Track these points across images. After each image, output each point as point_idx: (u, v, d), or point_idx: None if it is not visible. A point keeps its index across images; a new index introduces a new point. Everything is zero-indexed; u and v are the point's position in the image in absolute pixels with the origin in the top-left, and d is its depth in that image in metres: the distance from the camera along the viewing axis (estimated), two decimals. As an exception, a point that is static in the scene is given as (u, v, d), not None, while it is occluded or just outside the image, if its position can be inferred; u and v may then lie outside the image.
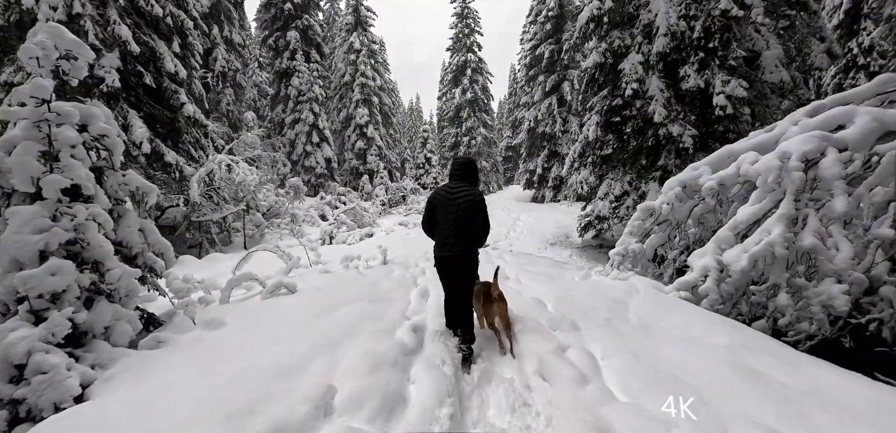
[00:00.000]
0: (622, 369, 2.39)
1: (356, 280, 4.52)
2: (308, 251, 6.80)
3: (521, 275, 5.34)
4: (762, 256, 3.55)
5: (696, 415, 1.87)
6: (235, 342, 2.95)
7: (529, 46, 24.40)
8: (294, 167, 18.80)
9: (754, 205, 3.88)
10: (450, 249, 2.80)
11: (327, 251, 8.56)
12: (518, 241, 10.84)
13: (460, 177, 2.93)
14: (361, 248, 8.42)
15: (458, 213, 2.78)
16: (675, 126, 7.93)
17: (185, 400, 2.05)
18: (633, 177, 8.58)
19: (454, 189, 2.87)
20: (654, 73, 8.20)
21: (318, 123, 18.33)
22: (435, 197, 2.94)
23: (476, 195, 2.81)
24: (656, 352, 2.58)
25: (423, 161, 25.35)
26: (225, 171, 11.80)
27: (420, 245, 8.89)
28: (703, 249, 4.00)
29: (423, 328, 3.29)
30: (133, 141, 9.66)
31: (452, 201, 2.82)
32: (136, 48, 9.87)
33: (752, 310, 3.84)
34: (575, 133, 22.43)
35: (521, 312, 3.43)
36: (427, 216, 2.99)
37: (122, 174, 4.20)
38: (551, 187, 23.08)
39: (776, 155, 3.83)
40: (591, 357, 2.60)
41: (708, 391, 2.10)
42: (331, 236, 11.51)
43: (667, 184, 4.85)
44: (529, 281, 4.98)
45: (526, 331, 3.02)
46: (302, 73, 18.75)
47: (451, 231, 2.79)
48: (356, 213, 12.76)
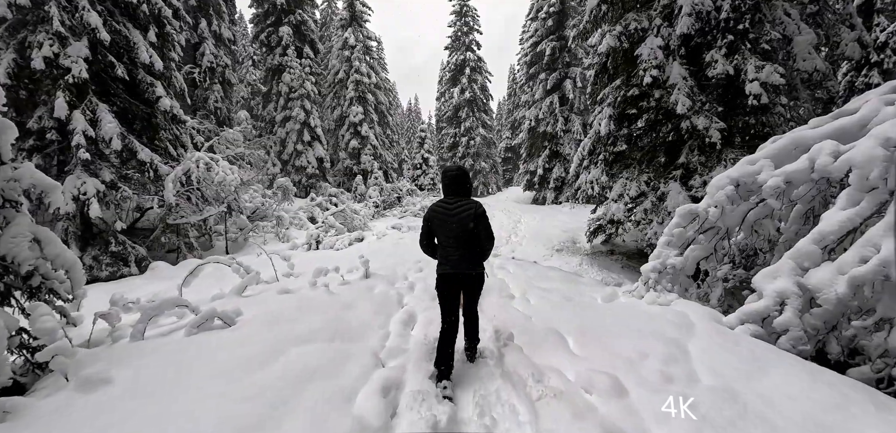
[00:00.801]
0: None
1: (322, 304, 3.50)
2: (279, 261, 5.77)
3: (531, 293, 4.32)
4: (868, 280, 2.54)
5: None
6: (116, 416, 1.93)
7: (530, 44, 23.43)
8: (285, 167, 17.77)
9: (847, 210, 2.87)
10: (454, 266, 2.64)
11: (307, 259, 7.56)
12: (521, 247, 9.83)
13: (455, 190, 2.71)
14: (342, 257, 7.40)
15: (459, 228, 2.61)
16: (701, 118, 6.93)
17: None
18: (651, 176, 7.58)
19: (451, 203, 2.67)
20: (675, 58, 7.21)
21: (310, 121, 17.30)
22: (432, 214, 2.72)
23: (476, 207, 2.64)
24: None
25: (420, 161, 24.34)
26: (203, 170, 10.77)
27: (412, 252, 7.87)
28: (774, 269, 2.99)
29: (398, 385, 2.28)
30: (102, 137, 8.68)
31: (452, 216, 2.63)
32: (107, 36, 8.89)
33: (844, 350, 2.84)
34: (578, 133, 21.45)
35: (535, 354, 2.43)
36: (425, 235, 2.81)
37: (14, 167, 3.19)
38: (553, 188, 22.09)
39: (877, 142, 2.82)
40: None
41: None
42: (317, 241, 10.49)
43: (713, 182, 3.84)
44: (540, 302, 3.97)
45: (547, 396, 2.01)
46: (293, 68, 17.74)
47: (454, 248, 2.64)
48: (346, 215, 11.74)
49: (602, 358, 2.43)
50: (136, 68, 9.92)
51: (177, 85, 12.57)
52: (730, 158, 6.87)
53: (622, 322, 3.07)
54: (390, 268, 5.72)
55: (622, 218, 7.54)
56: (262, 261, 6.32)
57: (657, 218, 7.27)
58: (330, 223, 11.07)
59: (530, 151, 23.89)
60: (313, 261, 7.34)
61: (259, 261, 6.55)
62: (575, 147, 21.63)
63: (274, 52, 20.33)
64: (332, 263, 6.26)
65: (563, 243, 9.75)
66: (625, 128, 7.81)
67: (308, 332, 2.72)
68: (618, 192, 7.71)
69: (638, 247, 9.79)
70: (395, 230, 11.92)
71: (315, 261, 7.49)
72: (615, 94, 7.88)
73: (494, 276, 5.88)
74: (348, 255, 8.37)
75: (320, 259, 7.65)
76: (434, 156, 26.62)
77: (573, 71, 22.11)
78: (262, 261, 6.37)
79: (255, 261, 7.00)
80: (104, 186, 8.74)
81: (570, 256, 8.67)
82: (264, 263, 6.28)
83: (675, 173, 7.47)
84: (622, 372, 2.19)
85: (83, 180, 8.44)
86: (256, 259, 6.86)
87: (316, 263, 6.85)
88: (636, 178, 7.70)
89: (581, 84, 21.90)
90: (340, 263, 6.06)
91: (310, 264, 6.87)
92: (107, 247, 9.00)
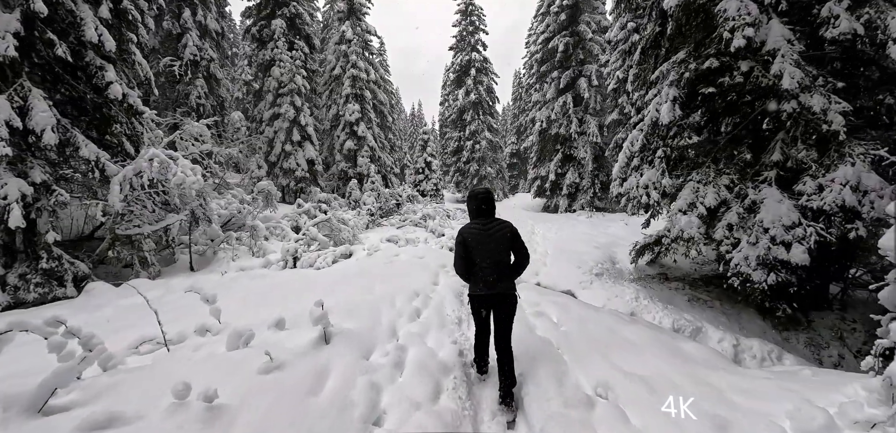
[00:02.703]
0: None
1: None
2: (202, 304, 3.61)
3: (614, 381, 2.16)
4: None
5: None
6: None
7: (541, 40, 21.37)
8: (272, 170, 15.69)
9: None
10: (494, 287, 2.61)
11: (262, 291, 5.44)
12: (545, 268, 7.66)
13: (486, 211, 2.70)
14: (321, 282, 5.24)
15: (497, 248, 2.62)
16: (815, 97, 4.78)
17: None
18: (734, 178, 5.43)
19: (487, 224, 2.68)
20: (773, 14, 5.08)
21: (300, 119, 15.22)
22: (467, 235, 2.68)
23: (509, 226, 2.70)
24: None
25: (423, 165, 22.22)
26: (158, 169, 8.66)
27: (410, 277, 5.71)
28: None
29: None
30: (31, 128, 6.70)
31: (490, 237, 2.63)
32: (44, 8, 6.93)
33: None
34: (593, 134, 19.26)
35: None
36: (461, 257, 2.71)
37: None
38: (566, 195, 19.93)
39: None
40: None
41: None
42: (294, 257, 8.37)
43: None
44: (653, 420, 1.80)
45: None
46: (283, 62, 15.72)
47: (491, 269, 2.62)
48: (332, 226, 9.62)
49: None
50: (84, 49, 7.97)
51: (141, 72, 10.56)
52: (858, 154, 4.72)
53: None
54: (370, 315, 3.57)
55: (696, 235, 5.36)
56: (189, 302, 4.20)
57: (748, 236, 5.09)
58: (312, 235, 8.95)
59: (541, 155, 21.75)
60: (270, 293, 5.20)
61: (183, 305, 4.43)
62: (590, 150, 19.47)
63: (266, 46, 18.36)
64: (293, 301, 4.13)
65: (599, 264, 7.56)
66: (696, 113, 5.66)
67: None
68: (687, 201, 5.54)
69: (697, 270, 7.59)
70: (390, 244, 9.78)
71: (275, 291, 5.35)
72: (680, 70, 5.74)
73: (528, 324, 3.71)
74: (328, 279, 6.24)
75: (284, 288, 5.51)
76: (437, 160, 24.52)
77: (588, 68, 19.99)
78: (189, 303, 4.24)
79: (176, 301, 4.89)
80: (33, 189, 6.81)
81: (614, 283, 6.49)
82: (191, 306, 4.16)
83: (768, 174, 5.30)
84: None
85: (5, 182, 6.45)
86: (180, 299, 4.75)
87: (271, 298, 4.72)
88: (713, 181, 5.53)
89: (597, 82, 19.77)
90: (306, 297, 3.94)
91: (258, 302, 4.73)
92: (37, 263, 7.00)
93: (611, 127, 18.90)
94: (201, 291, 3.52)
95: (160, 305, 3.58)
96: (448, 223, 13.05)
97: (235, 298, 4.96)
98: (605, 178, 19.85)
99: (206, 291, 3.56)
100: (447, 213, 14.86)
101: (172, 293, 6.73)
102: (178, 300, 5.38)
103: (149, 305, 2.74)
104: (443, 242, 10.03)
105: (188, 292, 3.48)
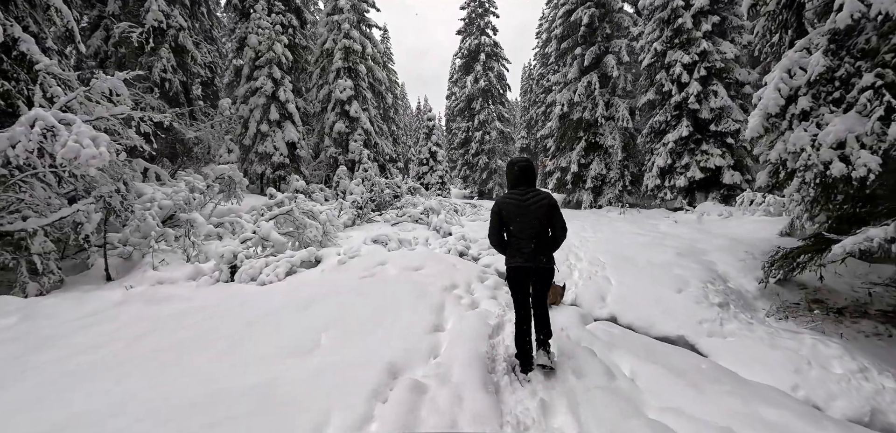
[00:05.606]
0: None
1: None
2: None
3: None
4: None
5: None
6: None
7: (562, 13, 18.25)
8: (247, 154, 12.85)
9: None
10: (532, 259, 2.49)
11: (141, 331, 2.49)
12: (612, 288, 4.66)
13: (525, 180, 2.56)
14: (253, 307, 2.33)
15: (535, 219, 2.47)
16: None
17: None
18: None
19: (525, 194, 2.52)
20: None
21: (280, 94, 12.33)
22: (504, 206, 2.55)
23: (549, 197, 2.53)
24: None
25: (427, 155, 19.23)
26: (45, 139, 5.75)
27: (397, 299, 2.74)
28: None
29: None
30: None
31: (528, 208, 2.48)
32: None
33: None
34: (623, 119, 16.12)
35: None
36: (496, 229, 2.60)
37: None
38: (590, 189, 16.87)
39: None
40: None
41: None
42: (232, 267, 5.48)
43: None
44: None
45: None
46: (262, 28, 12.86)
47: (527, 239, 2.49)
48: (295, 220, 6.72)
49: None
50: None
51: (59, 21, 7.78)
52: None
53: None
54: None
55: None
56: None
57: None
58: (262, 234, 6.06)
59: (560, 143, 18.65)
60: (130, 349, 2.28)
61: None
62: (619, 137, 16.37)
63: (249, 19, 15.55)
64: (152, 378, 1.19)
65: (705, 284, 4.53)
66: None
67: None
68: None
69: (856, 291, 4.52)
70: (377, 245, 6.83)
71: (146, 340, 2.45)
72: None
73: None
74: (255, 311, 3.33)
75: (167, 333, 2.60)
76: (443, 149, 21.52)
77: (616, 44, 16.86)
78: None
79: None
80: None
81: (752, 320, 3.45)
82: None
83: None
84: None
85: None
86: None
87: (122, 360, 1.73)
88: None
89: (628, 58, 16.63)
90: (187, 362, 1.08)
91: (85, 375, 1.77)
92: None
93: (644, 110, 15.77)
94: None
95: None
96: (456, 219, 10.08)
97: (62, 356, 2.08)
98: (635, 169, 16.77)
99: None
100: (455, 207, 11.95)
101: (33, 320, 3.90)
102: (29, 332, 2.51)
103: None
104: (450, 245, 7.08)
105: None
